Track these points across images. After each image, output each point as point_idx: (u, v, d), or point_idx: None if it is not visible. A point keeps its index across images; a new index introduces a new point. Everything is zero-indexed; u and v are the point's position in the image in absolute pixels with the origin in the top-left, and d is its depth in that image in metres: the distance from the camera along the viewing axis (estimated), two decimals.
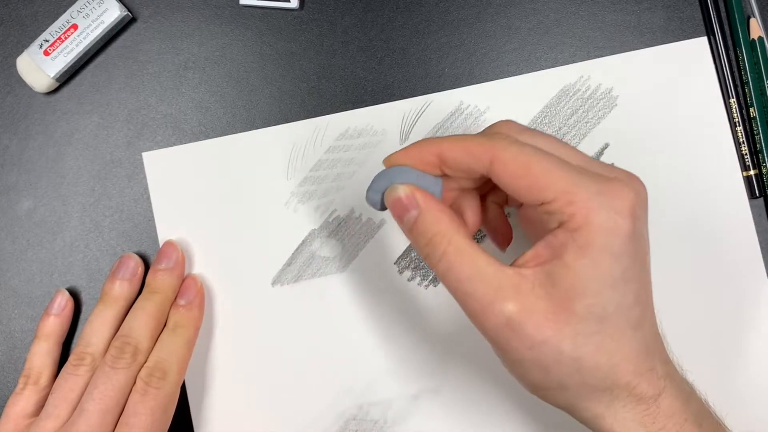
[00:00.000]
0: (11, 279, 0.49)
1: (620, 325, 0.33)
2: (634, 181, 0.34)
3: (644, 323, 0.34)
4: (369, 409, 0.47)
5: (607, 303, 0.33)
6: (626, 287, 0.33)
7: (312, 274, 0.47)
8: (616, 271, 0.33)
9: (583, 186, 0.33)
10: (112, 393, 0.42)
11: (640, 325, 0.34)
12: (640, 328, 0.34)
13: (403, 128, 0.48)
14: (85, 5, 0.48)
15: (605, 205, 0.33)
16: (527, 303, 0.33)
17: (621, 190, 0.33)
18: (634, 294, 0.34)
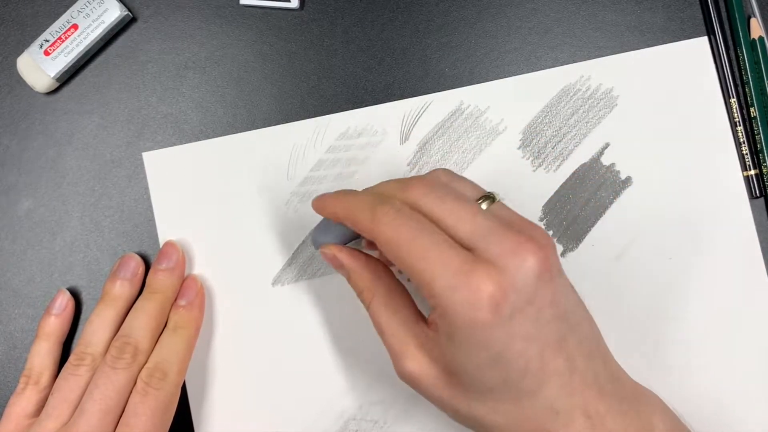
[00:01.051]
0: (11, 279, 0.49)
1: (511, 394, 0.34)
2: (512, 256, 0.33)
3: (543, 387, 0.34)
4: (369, 409, 0.47)
5: (487, 380, 0.34)
6: (506, 365, 0.34)
7: (312, 274, 0.47)
8: (486, 356, 0.34)
9: (442, 279, 0.33)
10: (113, 393, 0.42)
11: (536, 392, 0.34)
12: (537, 394, 0.34)
13: (403, 128, 0.48)
14: (86, 5, 0.48)
15: (461, 300, 0.33)
16: (424, 366, 0.36)
17: (480, 282, 0.33)
18: (519, 368, 0.34)
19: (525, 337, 0.33)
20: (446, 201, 0.35)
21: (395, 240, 0.35)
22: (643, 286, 0.46)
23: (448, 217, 0.35)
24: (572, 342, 0.34)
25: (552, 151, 0.47)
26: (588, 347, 0.35)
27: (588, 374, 0.35)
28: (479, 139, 0.48)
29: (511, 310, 0.33)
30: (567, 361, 0.34)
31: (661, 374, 0.45)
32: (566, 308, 0.35)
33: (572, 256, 0.47)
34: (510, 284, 0.33)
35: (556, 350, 0.34)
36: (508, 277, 0.33)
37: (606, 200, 0.47)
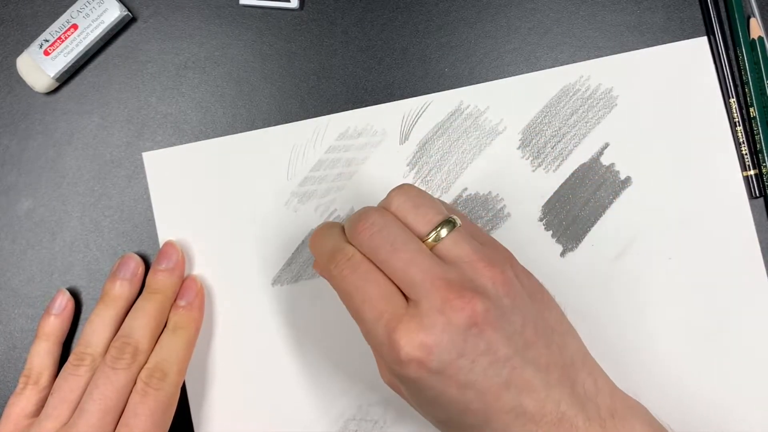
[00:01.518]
0: (11, 279, 0.49)
1: (460, 428, 0.36)
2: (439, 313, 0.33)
3: (490, 422, 0.34)
4: (369, 409, 0.47)
5: (433, 414, 0.36)
6: (445, 407, 0.34)
7: (312, 274, 0.47)
8: (423, 398, 0.35)
9: (373, 333, 0.34)
10: (112, 393, 0.42)
11: (484, 425, 0.34)
12: (486, 426, 0.34)
13: (403, 128, 0.48)
14: (85, 5, 0.48)
15: (388, 356, 0.34)
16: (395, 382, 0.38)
17: (402, 341, 0.33)
18: (460, 409, 0.34)
19: (459, 386, 0.33)
20: (386, 246, 0.35)
21: (344, 291, 0.36)
22: (642, 285, 0.46)
23: (385, 266, 0.35)
24: (524, 377, 0.34)
25: (551, 151, 0.47)
26: (546, 376, 0.35)
27: (546, 403, 0.34)
28: (479, 139, 0.48)
29: (439, 365, 0.33)
30: (517, 396, 0.34)
31: (659, 374, 0.45)
32: (511, 349, 0.34)
33: (572, 256, 0.47)
34: (435, 342, 0.33)
35: (502, 390, 0.34)
36: (433, 335, 0.33)
37: (605, 200, 0.47)
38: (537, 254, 0.47)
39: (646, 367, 0.45)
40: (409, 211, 0.37)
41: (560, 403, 0.34)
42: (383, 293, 0.35)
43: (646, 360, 0.46)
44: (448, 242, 0.36)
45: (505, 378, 0.34)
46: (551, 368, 0.35)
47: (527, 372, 0.34)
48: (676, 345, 0.46)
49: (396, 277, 0.35)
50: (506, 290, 0.35)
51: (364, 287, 0.35)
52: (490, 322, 0.34)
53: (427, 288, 0.34)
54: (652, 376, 0.45)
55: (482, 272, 0.35)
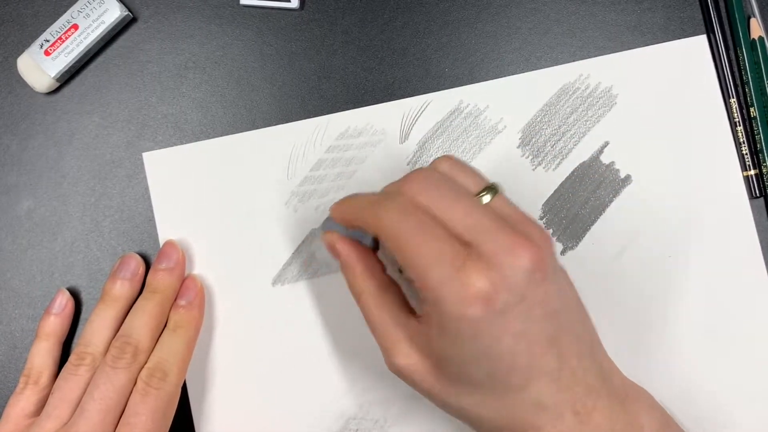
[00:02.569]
0: (11, 279, 0.49)
1: (498, 389, 0.35)
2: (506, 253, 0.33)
3: (531, 383, 0.34)
4: (369, 408, 0.47)
5: (475, 373, 0.35)
6: (494, 360, 0.34)
7: (312, 274, 0.47)
8: (474, 350, 0.34)
9: (435, 272, 0.34)
10: (113, 393, 0.42)
11: (524, 387, 0.34)
12: (525, 390, 0.34)
13: (403, 127, 0.48)
14: (86, 5, 0.48)
15: (452, 294, 0.33)
16: (414, 359, 0.37)
17: (471, 277, 0.33)
18: (507, 364, 0.34)
19: (514, 334, 0.33)
20: (444, 196, 0.35)
21: (395, 234, 0.35)
22: (642, 284, 0.46)
23: (445, 213, 0.35)
24: (563, 340, 0.35)
25: (551, 150, 0.47)
26: (579, 345, 0.35)
27: (578, 371, 0.35)
28: (478, 138, 0.48)
29: (502, 306, 0.33)
30: (556, 358, 0.34)
31: (659, 372, 0.45)
32: (559, 307, 0.35)
33: (572, 254, 0.47)
34: (502, 281, 0.33)
35: (546, 348, 0.34)
36: (501, 274, 0.33)
37: (605, 199, 0.47)
38: None
39: (646, 366, 0.45)
40: (458, 173, 0.38)
41: (588, 374, 0.35)
42: (443, 235, 0.34)
43: (645, 359, 0.46)
44: (498, 202, 0.36)
45: (551, 334, 0.34)
46: (583, 338, 0.36)
47: (568, 335, 0.35)
48: (675, 344, 0.46)
49: (456, 223, 0.35)
50: (551, 251, 0.36)
51: (421, 229, 0.35)
52: (549, 272, 0.34)
53: (491, 231, 0.34)
54: (652, 374, 0.45)
55: (533, 229, 0.35)
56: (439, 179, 0.37)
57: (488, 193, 0.37)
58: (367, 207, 0.37)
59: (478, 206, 0.35)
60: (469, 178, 0.38)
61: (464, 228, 0.34)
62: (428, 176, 0.37)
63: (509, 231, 0.34)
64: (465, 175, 0.38)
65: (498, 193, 0.37)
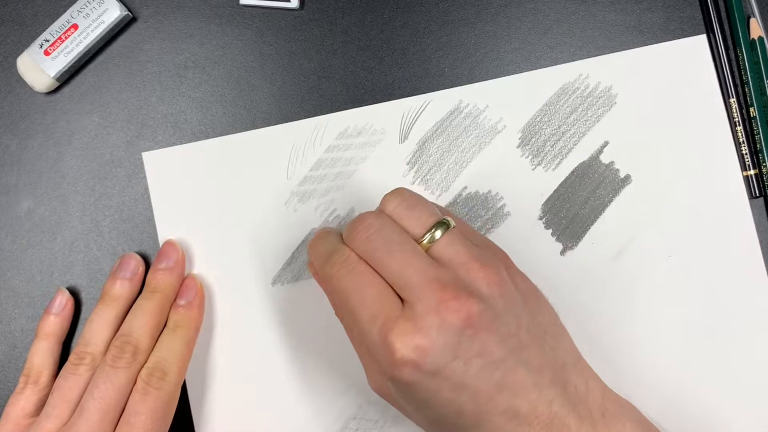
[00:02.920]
0: (11, 279, 0.49)
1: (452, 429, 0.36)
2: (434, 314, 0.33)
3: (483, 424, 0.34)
4: (369, 408, 0.47)
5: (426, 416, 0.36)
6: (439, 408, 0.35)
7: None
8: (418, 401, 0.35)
9: (368, 336, 0.35)
10: (113, 393, 0.42)
11: (477, 426, 0.35)
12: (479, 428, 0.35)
13: (402, 127, 0.48)
14: (86, 5, 0.48)
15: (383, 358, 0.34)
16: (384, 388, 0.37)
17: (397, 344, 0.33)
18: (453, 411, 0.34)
19: (453, 387, 0.34)
20: (383, 248, 0.36)
21: (337, 293, 0.36)
22: (642, 284, 0.46)
23: (382, 268, 0.35)
24: (516, 378, 0.34)
25: (551, 150, 0.47)
26: (538, 377, 0.35)
27: (539, 404, 0.34)
28: (478, 138, 0.48)
29: (433, 367, 0.33)
30: (510, 397, 0.34)
31: (659, 373, 0.45)
32: (505, 350, 0.34)
33: (572, 254, 0.47)
34: (429, 345, 0.33)
35: (495, 392, 0.34)
36: (428, 337, 0.33)
37: (605, 198, 0.47)
38: (537, 253, 0.47)
39: (646, 366, 0.45)
40: (403, 214, 0.37)
41: (552, 404, 0.35)
42: (379, 294, 0.35)
43: (645, 359, 0.46)
44: (442, 243, 0.36)
45: (498, 379, 0.34)
46: (544, 369, 0.35)
47: (520, 373, 0.34)
48: (675, 344, 0.46)
49: (392, 278, 0.35)
50: (500, 291, 0.35)
51: (360, 288, 0.35)
52: (485, 324, 0.34)
53: (422, 289, 0.34)
54: (652, 374, 0.45)
55: (476, 273, 0.35)
56: (380, 226, 0.36)
57: (437, 229, 0.36)
58: (321, 261, 0.38)
59: (414, 258, 0.35)
60: (415, 218, 0.37)
61: (399, 284, 0.35)
62: (370, 224, 0.37)
63: (438, 288, 0.34)
64: (411, 215, 0.37)
65: (448, 230, 0.36)
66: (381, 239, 0.36)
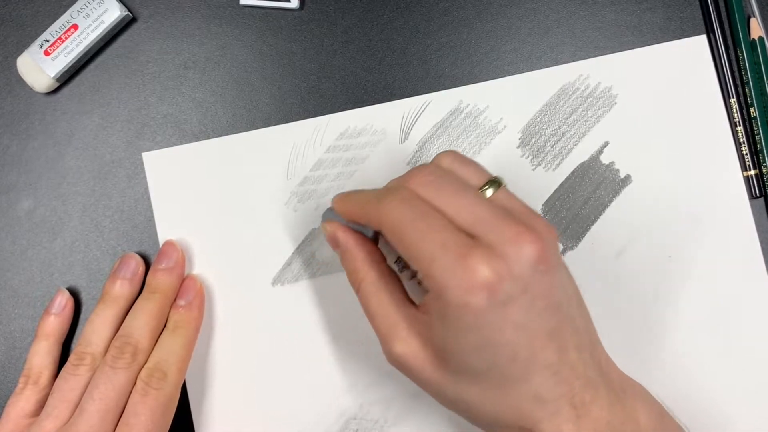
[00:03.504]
0: (11, 279, 0.49)
1: (498, 380, 0.35)
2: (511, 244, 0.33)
3: (531, 375, 0.34)
4: (369, 408, 0.47)
5: (475, 363, 0.35)
6: (495, 351, 0.34)
7: (312, 274, 0.47)
8: (476, 340, 0.34)
9: (440, 260, 0.34)
10: (113, 393, 0.42)
11: (523, 379, 0.34)
12: (524, 382, 0.34)
13: (402, 127, 0.48)
14: (86, 5, 0.48)
15: (456, 282, 0.33)
16: (413, 347, 0.36)
17: (476, 266, 0.33)
18: (508, 355, 0.34)
19: (516, 325, 0.33)
20: (447, 190, 0.36)
21: (399, 225, 0.35)
22: (642, 284, 0.46)
23: (448, 206, 0.35)
24: (563, 333, 0.35)
25: (551, 150, 0.47)
26: (579, 339, 0.35)
27: (577, 365, 0.35)
28: (478, 138, 0.48)
29: (505, 297, 0.33)
30: (556, 352, 0.34)
31: (658, 371, 0.45)
32: (561, 300, 0.35)
33: (572, 254, 0.47)
34: (506, 271, 0.33)
35: (546, 341, 0.34)
36: (505, 264, 0.33)
37: (605, 199, 0.47)
38: None
39: (646, 366, 0.45)
40: (460, 168, 0.38)
41: (587, 368, 0.35)
42: (446, 225, 0.34)
43: (645, 358, 0.46)
44: (501, 195, 0.37)
45: (553, 326, 0.34)
46: (582, 332, 0.36)
47: (568, 329, 0.35)
48: (675, 344, 0.46)
49: (460, 215, 0.35)
50: (556, 244, 0.36)
51: (426, 219, 0.35)
52: (553, 264, 0.34)
53: (496, 222, 0.34)
54: (652, 374, 0.45)
55: (536, 221, 0.35)
56: (442, 173, 0.37)
57: (491, 186, 0.37)
58: (370, 200, 0.38)
59: (481, 199, 0.35)
60: (472, 173, 0.38)
61: (468, 220, 0.34)
62: (431, 171, 0.37)
63: (513, 222, 0.34)
64: (468, 170, 0.38)
65: (501, 187, 0.37)
66: (445, 183, 0.36)
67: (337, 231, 0.41)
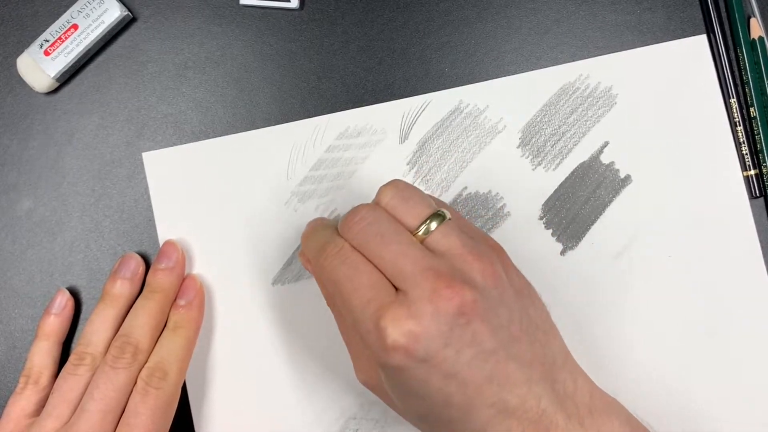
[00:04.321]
0: (11, 279, 0.49)
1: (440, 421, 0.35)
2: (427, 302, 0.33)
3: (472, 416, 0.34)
4: (370, 408, 0.47)
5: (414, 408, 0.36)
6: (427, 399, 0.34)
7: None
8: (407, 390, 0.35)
9: (362, 321, 0.34)
10: (113, 393, 0.42)
11: (465, 419, 0.34)
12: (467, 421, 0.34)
13: (402, 127, 0.48)
14: (86, 5, 0.48)
15: (373, 342, 0.34)
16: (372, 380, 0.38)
17: (387, 329, 0.33)
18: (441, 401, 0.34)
19: (443, 376, 0.33)
20: (376, 240, 0.35)
21: (332, 279, 0.36)
22: (642, 284, 0.46)
23: (377, 258, 0.35)
24: (507, 372, 0.34)
25: (551, 150, 0.47)
26: (529, 372, 0.35)
27: (528, 399, 0.34)
28: (478, 138, 0.48)
29: (425, 354, 0.33)
30: (498, 391, 0.34)
31: (658, 372, 0.45)
32: (497, 341, 0.34)
33: (572, 254, 0.47)
34: (421, 331, 0.33)
35: (482, 385, 0.34)
36: (421, 323, 0.33)
37: (605, 199, 0.47)
38: (537, 253, 0.47)
39: (646, 366, 0.45)
40: (398, 205, 0.37)
41: (541, 400, 0.34)
42: (373, 282, 0.35)
43: (645, 358, 0.46)
44: (437, 235, 0.36)
45: (488, 371, 0.34)
46: (534, 365, 0.35)
47: (510, 366, 0.34)
48: (675, 344, 0.46)
49: (385, 268, 0.35)
50: (494, 283, 0.35)
51: (354, 276, 0.35)
52: (478, 313, 0.34)
53: (416, 277, 0.34)
54: (652, 374, 0.45)
55: (471, 264, 0.35)
56: (377, 217, 0.36)
57: (432, 221, 0.36)
58: (315, 252, 0.38)
59: (409, 248, 0.35)
60: (409, 209, 0.37)
61: (393, 274, 0.35)
62: (365, 216, 0.36)
63: (432, 277, 0.34)
64: (406, 207, 0.37)
65: (443, 222, 0.36)
66: (375, 230, 0.36)
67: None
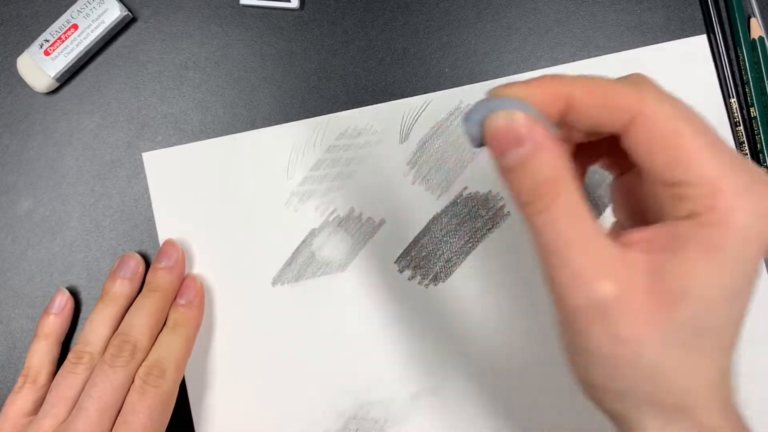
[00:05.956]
0: (11, 279, 0.49)
1: (713, 345, 0.28)
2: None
3: (732, 348, 0.29)
4: (369, 408, 0.47)
5: (713, 317, 0.28)
6: (737, 304, 0.28)
7: (312, 273, 0.47)
8: (738, 284, 0.28)
9: (735, 178, 0.27)
10: (111, 391, 0.42)
11: (729, 349, 0.29)
12: (728, 353, 0.29)
13: (403, 127, 0.48)
14: (86, 5, 0.48)
15: (754, 207, 0.27)
16: (626, 291, 0.27)
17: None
18: (738, 313, 0.28)
19: (755, 278, 0.28)
20: (693, 113, 0.29)
21: (675, 125, 0.29)
22: None
23: (704, 130, 0.29)
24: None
25: None
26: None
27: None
28: None
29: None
30: (738, 335, 0.29)
31: None
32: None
33: None
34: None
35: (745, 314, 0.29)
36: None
37: (605, 199, 0.47)
38: None
39: None
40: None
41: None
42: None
43: None
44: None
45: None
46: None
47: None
48: None
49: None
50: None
51: (704, 125, 0.29)
52: None
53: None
54: None
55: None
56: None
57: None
58: (617, 87, 0.29)
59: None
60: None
61: (729, 151, 0.28)
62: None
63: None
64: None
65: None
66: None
67: (526, 120, 0.28)
